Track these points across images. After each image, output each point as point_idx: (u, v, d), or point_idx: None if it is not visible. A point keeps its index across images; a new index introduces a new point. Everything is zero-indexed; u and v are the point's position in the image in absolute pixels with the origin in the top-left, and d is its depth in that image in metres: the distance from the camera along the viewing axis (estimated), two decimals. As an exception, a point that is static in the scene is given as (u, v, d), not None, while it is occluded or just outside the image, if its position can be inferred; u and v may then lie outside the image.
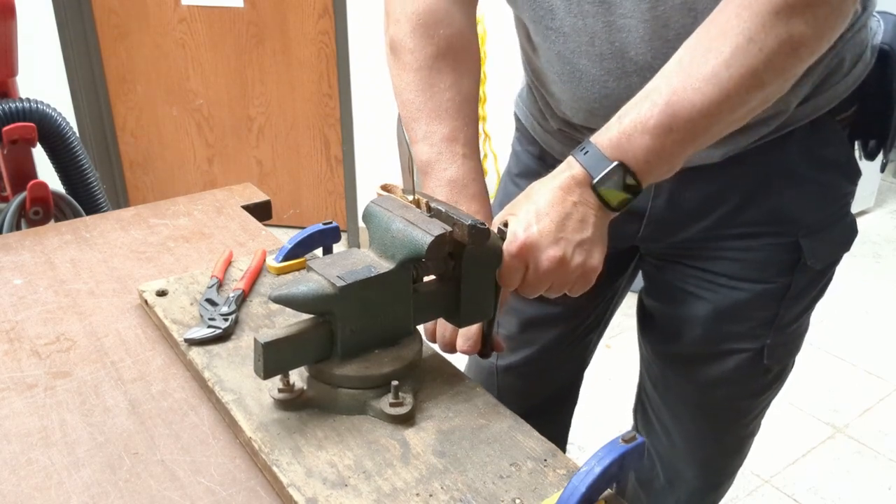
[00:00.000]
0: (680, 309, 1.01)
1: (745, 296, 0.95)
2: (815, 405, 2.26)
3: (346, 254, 0.72)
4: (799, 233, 0.90)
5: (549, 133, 0.99)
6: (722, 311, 0.97)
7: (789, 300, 0.96)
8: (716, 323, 0.98)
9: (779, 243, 0.92)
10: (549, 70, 0.89)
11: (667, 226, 0.95)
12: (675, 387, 1.08)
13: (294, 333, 0.67)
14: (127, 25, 2.91)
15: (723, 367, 1.01)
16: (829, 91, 0.86)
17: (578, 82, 0.86)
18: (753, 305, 0.96)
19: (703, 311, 0.98)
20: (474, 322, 0.78)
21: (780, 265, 0.93)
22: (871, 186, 3.40)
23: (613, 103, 0.82)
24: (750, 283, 0.94)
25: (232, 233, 1.06)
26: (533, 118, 1.02)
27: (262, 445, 0.65)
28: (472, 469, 0.64)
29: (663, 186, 0.91)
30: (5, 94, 1.51)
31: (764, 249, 0.93)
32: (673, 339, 1.04)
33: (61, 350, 0.80)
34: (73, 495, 0.62)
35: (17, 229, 1.44)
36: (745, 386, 1.04)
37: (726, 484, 1.22)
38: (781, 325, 0.98)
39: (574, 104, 0.89)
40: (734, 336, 0.99)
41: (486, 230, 0.70)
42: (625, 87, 0.82)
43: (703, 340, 1.00)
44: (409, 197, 0.74)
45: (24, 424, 0.70)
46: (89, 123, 2.95)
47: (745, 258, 0.94)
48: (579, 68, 0.85)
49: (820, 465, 2.03)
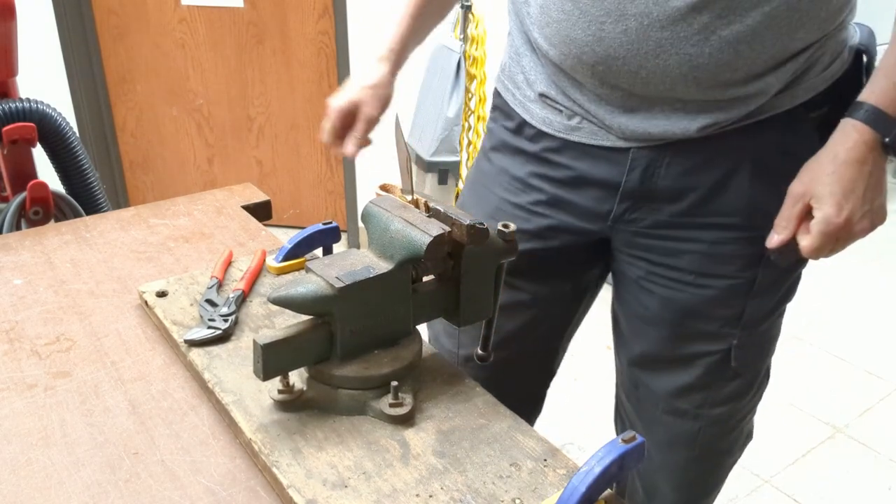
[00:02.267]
0: (646, 309, 1.02)
1: (711, 293, 0.96)
2: (815, 405, 2.26)
3: (345, 254, 0.72)
4: (766, 226, 0.90)
5: (530, 101, 0.99)
6: (688, 310, 0.98)
7: (755, 296, 0.97)
8: (682, 322, 0.99)
9: (746, 236, 0.93)
10: (547, 9, 0.89)
11: (639, 204, 0.95)
12: (647, 395, 1.09)
13: (293, 335, 0.67)
14: (127, 25, 2.91)
15: (691, 371, 1.02)
16: (807, 83, 0.89)
17: (576, 21, 0.86)
18: (719, 302, 0.97)
19: (670, 312, 0.99)
20: (474, 322, 0.78)
21: (745, 259, 0.95)
22: (871, 186, 3.39)
23: (605, 50, 0.85)
24: (716, 279, 0.96)
25: (232, 233, 1.06)
26: (515, 87, 1.02)
27: (262, 446, 0.65)
28: (472, 469, 0.64)
29: (638, 162, 0.92)
30: (5, 94, 1.51)
31: (731, 242, 0.94)
32: (640, 342, 1.05)
33: (61, 350, 0.80)
34: (73, 495, 0.62)
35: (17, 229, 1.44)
36: (715, 392, 1.04)
37: (704, 502, 1.22)
38: (748, 323, 0.99)
39: (564, 48, 0.88)
40: (701, 336, 1.00)
41: (486, 230, 0.70)
42: (621, 32, 0.83)
43: (670, 341, 1.01)
44: (408, 197, 0.74)
45: (24, 424, 0.70)
46: (89, 123, 2.95)
47: (712, 252, 0.95)
48: (581, 7, 0.85)
49: (820, 465, 2.03)
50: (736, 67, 0.83)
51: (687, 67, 0.83)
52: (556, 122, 0.96)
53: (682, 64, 0.83)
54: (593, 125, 0.93)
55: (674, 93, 0.86)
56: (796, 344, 2.53)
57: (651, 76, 0.85)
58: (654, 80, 0.85)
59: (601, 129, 0.93)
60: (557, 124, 0.96)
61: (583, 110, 0.93)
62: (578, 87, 0.92)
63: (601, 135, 0.93)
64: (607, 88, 0.89)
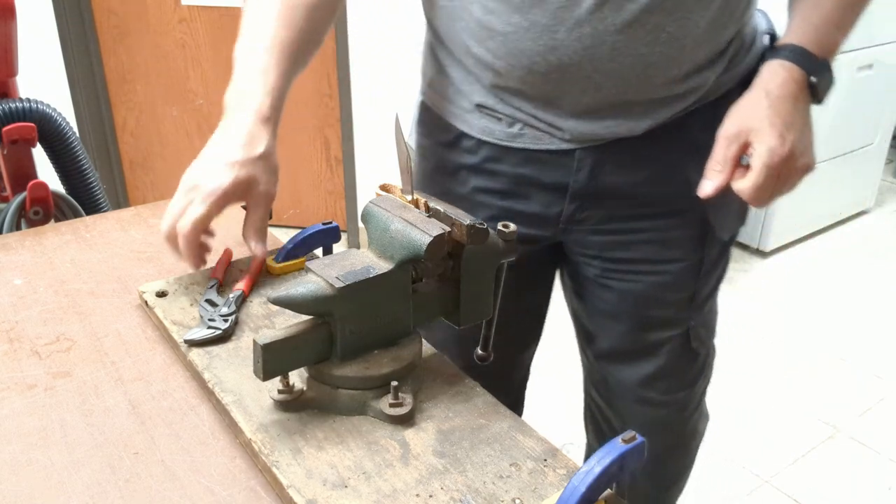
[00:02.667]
0: (607, 304, 1.03)
1: (665, 278, 0.99)
2: (815, 405, 2.26)
3: (345, 254, 0.72)
4: (707, 205, 0.93)
5: (466, 112, 0.98)
6: (647, 298, 1.00)
7: (704, 275, 1.01)
8: (642, 312, 1.01)
9: (691, 219, 0.97)
10: (488, 23, 0.87)
11: (589, 203, 0.95)
12: (618, 388, 1.10)
13: (293, 335, 0.67)
14: (127, 25, 2.91)
15: (657, 359, 1.05)
16: (735, 69, 0.93)
17: (525, 32, 0.85)
18: (673, 286, 1.00)
19: (629, 303, 1.01)
20: (474, 322, 0.78)
21: (692, 241, 0.98)
22: (871, 186, 3.40)
23: (558, 59, 0.84)
24: (668, 264, 0.98)
25: (232, 233, 1.06)
26: (447, 100, 1.00)
27: (262, 447, 0.65)
28: (472, 469, 0.64)
29: (585, 161, 0.93)
30: (5, 94, 1.51)
31: (679, 227, 0.97)
32: (605, 337, 1.06)
33: (61, 350, 0.80)
34: (73, 495, 0.62)
35: (17, 229, 1.44)
36: (679, 376, 1.08)
37: (676, 487, 1.24)
38: (699, 303, 1.03)
39: (513, 59, 0.87)
40: (661, 323, 1.02)
41: (486, 230, 0.70)
42: (575, 39, 0.83)
43: (633, 332, 1.03)
44: (408, 197, 0.74)
45: (24, 424, 0.70)
46: (89, 123, 2.95)
47: (663, 238, 0.97)
48: (530, 19, 0.84)
49: (820, 465, 2.03)
50: (682, 62, 0.86)
51: (640, 67, 0.85)
52: (497, 130, 0.95)
53: (636, 65, 0.85)
54: (536, 130, 0.93)
55: (625, 95, 0.88)
56: (796, 344, 2.53)
57: (605, 80, 0.86)
58: (608, 84, 0.86)
59: (544, 134, 0.93)
60: (498, 133, 0.95)
61: (526, 116, 0.92)
62: (522, 95, 0.91)
63: (545, 139, 0.93)
64: (557, 94, 0.89)
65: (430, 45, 1.02)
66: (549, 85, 0.88)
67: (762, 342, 2.54)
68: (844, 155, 3.12)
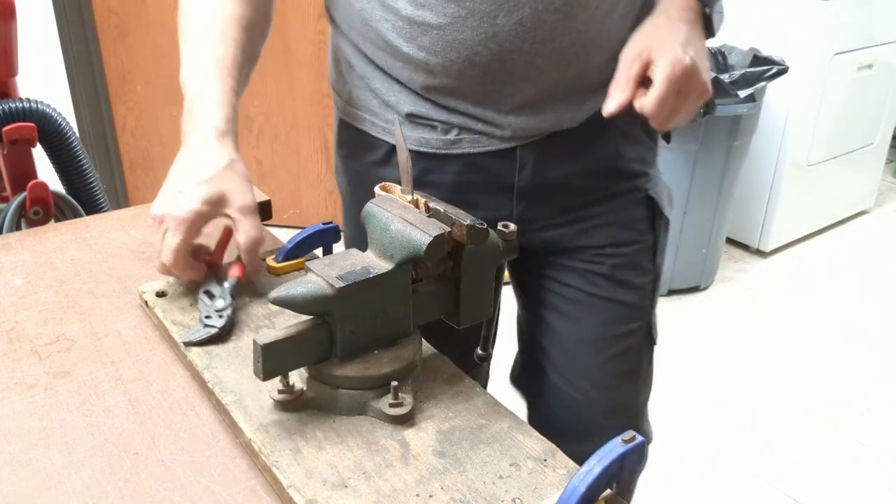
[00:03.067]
0: (577, 295, 1.03)
1: (624, 260, 1.01)
2: (815, 405, 2.26)
3: (345, 254, 0.72)
4: (647, 186, 1.00)
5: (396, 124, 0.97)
6: (610, 279, 1.02)
7: (659, 257, 1.04)
8: (611, 299, 1.02)
9: (636, 198, 1.00)
10: (420, 18, 0.85)
11: (537, 199, 0.95)
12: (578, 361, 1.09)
13: (293, 334, 0.67)
14: (127, 25, 2.91)
15: (624, 354, 1.06)
16: None
17: (464, 22, 0.84)
18: (635, 268, 1.02)
19: (597, 288, 1.02)
20: (474, 322, 0.78)
21: (643, 221, 1.01)
22: (870, 186, 3.40)
23: (499, 45, 0.84)
24: (626, 247, 1.01)
25: (232, 233, 1.06)
26: (372, 114, 0.97)
27: (262, 447, 0.65)
28: (472, 469, 0.64)
29: (527, 158, 0.94)
30: (5, 94, 1.51)
31: (627, 208, 1.00)
32: (579, 328, 1.06)
33: (61, 350, 0.80)
34: (73, 495, 0.62)
35: (17, 229, 1.44)
36: (642, 374, 1.10)
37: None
38: (656, 294, 1.07)
39: (451, 53, 0.86)
40: (628, 312, 1.04)
41: (486, 229, 0.70)
42: (516, 23, 0.83)
43: (601, 325, 1.04)
44: (408, 197, 0.74)
45: (24, 424, 0.70)
46: (89, 123, 2.95)
47: (615, 220, 0.99)
48: (467, 6, 0.83)
49: (820, 465, 2.03)
50: (619, 38, 0.88)
51: (580, 45, 0.86)
52: (433, 139, 0.93)
53: (576, 42, 0.86)
54: (474, 133, 0.92)
55: (564, 78, 0.88)
56: (796, 344, 2.54)
57: (546, 62, 0.86)
58: (549, 67, 0.87)
59: (483, 135, 0.92)
60: (434, 141, 0.93)
61: (463, 118, 0.91)
62: (458, 94, 0.89)
63: (484, 140, 0.92)
64: (497, 87, 0.88)
65: (343, 59, 0.98)
66: (490, 77, 0.87)
67: (762, 342, 2.54)
68: (844, 155, 3.12)
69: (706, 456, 2.04)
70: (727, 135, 2.56)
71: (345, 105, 1.01)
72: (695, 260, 2.75)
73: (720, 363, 2.44)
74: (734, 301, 2.79)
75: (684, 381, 2.33)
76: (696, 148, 2.52)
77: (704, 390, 2.31)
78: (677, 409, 2.22)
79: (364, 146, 0.99)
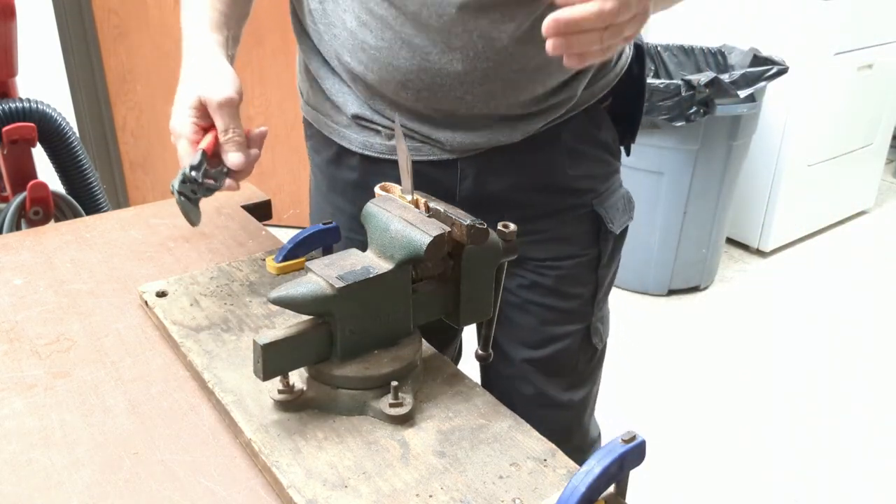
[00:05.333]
0: (514, 299, 1.04)
1: (565, 272, 1.02)
2: (815, 407, 2.27)
3: (345, 254, 0.72)
4: (593, 202, 1.00)
5: (343, 126, 0.98)
6: (552, 292, 1.03)
7: (603, 268, 1.05)
8: (548, 305, 1.03)
9: (580, 214, 1.00)
10: (360, 35, 0.88)
11: (479, 210, 0.94)
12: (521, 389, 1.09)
13: (293, 334, 0.67)
14: (127, 25, 2.91)
15: (560, 352, 1.06)
16: (603, 80, 0.97)
17: (398, 50, 0.86)
18: (575, 279, 1.03)
19: (535, 294, 1.03)
20: (474, 321, 0.78)
21: (587, 235, 1.02)
22: (870, 186, 3.40)
23: (431, 78, 0.87)
24: (568, 260, 1.02)
25: (232, 233, 1.06)
26: (324, 114, 1.01)
27: (262, 447, 0.65)
28: (472, 469, 0.64)
29: (467, 171, 0.95)
30: (5, 94, 1.51)
31: (571, 223, 1.00)
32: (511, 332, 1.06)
33: (61, 350, 0.80)
34: (73, 495, 0.62)
35: (17, 229, 1.44)
36: (579, 372, 1.10)
37: None
38: (598, 299, 1.07)
39: (385, 73, 0.88)
40: (565, 317, 1.04)
41: (486, 229, 0.70)
42: (447, 62, 0.85)
43: (538, 326, 1.04)
44: (408, 197, 0.74)
45: (24, 424, 0.70)
46: (89, 123, 2.95)
47: (558, 235, 1.00)
48: (403, 37, 0.85)
49: (821, 466, 2.04)
50: (547, 82, 0.90)
51: (511, 90, 0.89)
52: (376, 143, 0.96)
53: (506, 87, 0.88)
54: (415, 141, 0.94)
55: (496, 111, 0.91)
56: (796, 344, 2.54)
57: (476, 100, 0.88)
58: (479, 104, 0.89)
59: (424, 144, 0.94)
60: (378, 146, 0.96)
61: (403, 128, 0.92)
62: (396, 106, 0.92)
63: (425, 150, 0.94)
64: (429, 110, 0.91)
65: (302, 59, 1.02)
66: (422, 102, 0.90)
67: (762, 342, 2.55)
68: (844, 155, 3.12)
69: (705, 456, 2.04)
70: (727, 135, 2.56)
71: (304, 104, 1.06)
72: (695, 260, 2.75)
73: (720, 363, 2.44)
74: (734, 301, 2.79)
75: (684, 381, 2.34)
76: (696, 148, 2.52)
77: (704, 390, 2.31)
78: (677, 408, 2.22)
79: (321, 143, 1.04)
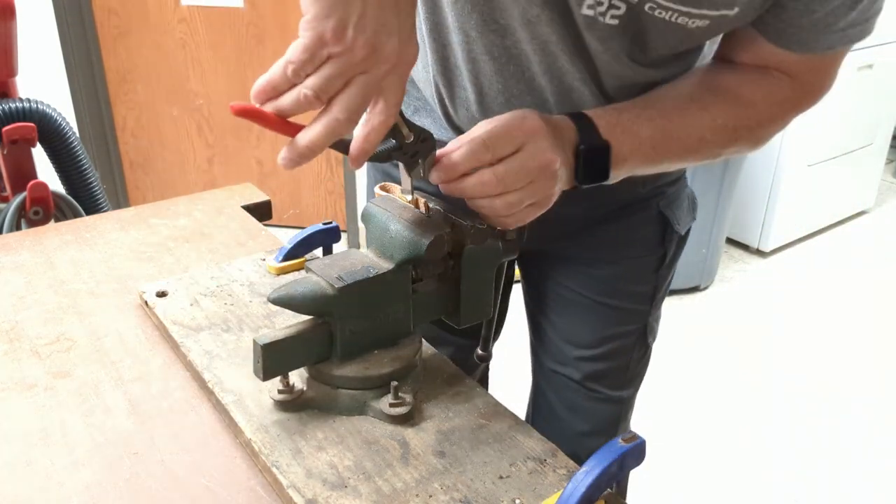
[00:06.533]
0: (570, 294, 1.04)
1: (628, 273, 1.02)
2: (815, 407, 2.27)
3: (345, 254, 0.72)
4: (660, 204, 0.99)
5: None
6: (614, 291, 1.02)
7: (665, 269, 1.04)
8: (604, 301, 1.03)
9: (647, 216, 0.99)
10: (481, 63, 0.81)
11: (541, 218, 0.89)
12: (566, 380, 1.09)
13: (293, 334, 0.67)
14: (127, 25, 2.91)
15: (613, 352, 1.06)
16: None
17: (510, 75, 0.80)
18: (637, 279, 1.03)
19: (591, 290, 1.02)
20: (474, 321, 0.78)
21: (653, 237, 1.01)
22: (871, 186, 3.40)
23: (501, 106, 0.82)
24: (632, 261, 1.01)
25: (232, 233, 1.06)
26: None
27: (262, 447, 0.65)
28: (472, 469, 0.64)
29: None
30: (5, 94, 1.51)
31: (636, 226, 0.99)
32: (563, 327, 1.07)
33: (61, 350, 0.80)
34: (73, 495, 0.62)
35: (17, 229, 1.44)
36: (629, 371, 1.10)
37: None
38: (657, 299, 1.06)
39: (486, 100, 0.84)
40: (624, 316, 1.04)
41: (486, 230, 0.70)
42: (529, 104, 0.80)
43: (596, 323, 1.04)
44: (408, 197, 0.74)
45: (24, 424, 0.70)
46: (89, 123, 2.95)
47: (625, 237, 1.00)
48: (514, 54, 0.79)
49: (821, 466, 2.04)
50: None
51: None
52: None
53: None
54: None
55: None
56: (797, 344, 2.54)
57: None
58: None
59: None
60: None
61: None
62: None
63: None
64: None
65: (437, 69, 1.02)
66: None
67: (762, 342, 2.55)
68: (844, 155, 3.12)
69: (705, 455, 2.04)
70: (727, 135, 2.56)
71: None
72: (695, 260, 2.76)
73: (720, 363, 2.44)
74: (734, 301, 2.79)
75: (684, 381, 2.33)
76: (696, 148, 2.52)
77: (704, 390, 2.31)
78: (677, 408, 2.22)
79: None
